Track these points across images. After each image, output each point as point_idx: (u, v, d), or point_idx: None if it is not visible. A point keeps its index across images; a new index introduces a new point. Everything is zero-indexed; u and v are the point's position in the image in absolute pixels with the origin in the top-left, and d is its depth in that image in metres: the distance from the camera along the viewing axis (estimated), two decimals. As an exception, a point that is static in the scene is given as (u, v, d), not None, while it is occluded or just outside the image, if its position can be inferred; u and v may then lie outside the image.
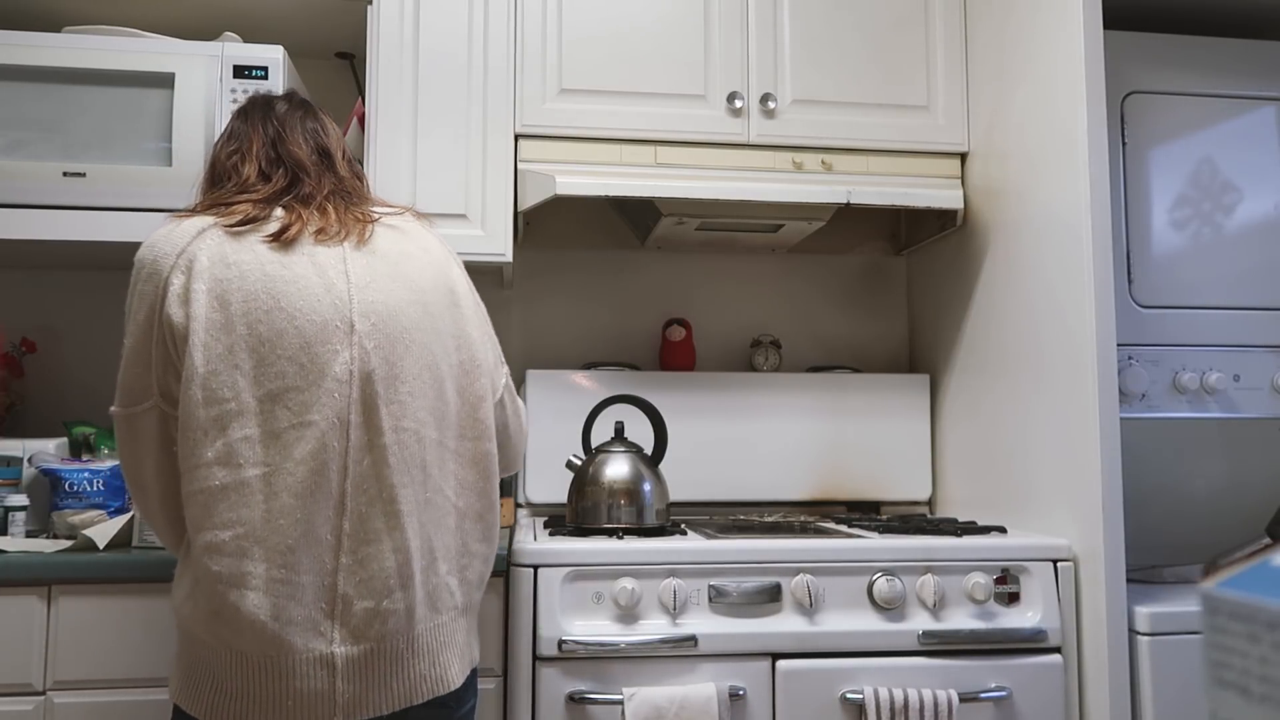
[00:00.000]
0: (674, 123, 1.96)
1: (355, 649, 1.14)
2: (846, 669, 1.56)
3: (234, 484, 1.12)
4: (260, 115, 1.36)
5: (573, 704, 1.51)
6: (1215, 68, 1.81)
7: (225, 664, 1.13)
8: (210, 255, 1.17)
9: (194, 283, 1.15)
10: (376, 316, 1.19)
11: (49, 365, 2.14)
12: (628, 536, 1.66)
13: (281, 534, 1.12)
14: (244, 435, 1.13)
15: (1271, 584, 0.37)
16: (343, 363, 1.16)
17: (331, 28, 2.09)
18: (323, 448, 1.14)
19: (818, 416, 2.21)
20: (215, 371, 1.13)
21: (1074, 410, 1.65)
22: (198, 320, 1.14)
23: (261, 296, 1.16)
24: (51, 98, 1.76)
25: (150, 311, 1.18)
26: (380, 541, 1.16)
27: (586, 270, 2.31)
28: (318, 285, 1.18)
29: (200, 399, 1.13)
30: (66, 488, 1.69)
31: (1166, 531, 2.05)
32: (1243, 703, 0.37)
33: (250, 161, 1.30)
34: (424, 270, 1.27)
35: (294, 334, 1.16)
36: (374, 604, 1.15)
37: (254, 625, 1.11)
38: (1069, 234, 1.68)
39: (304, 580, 1.13)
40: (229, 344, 1.14)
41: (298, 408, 1.14)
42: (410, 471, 1.19)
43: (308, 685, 1.12)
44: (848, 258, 2.41)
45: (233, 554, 1.11)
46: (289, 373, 1.15)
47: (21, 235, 1.74)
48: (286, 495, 1.13)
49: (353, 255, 1.23)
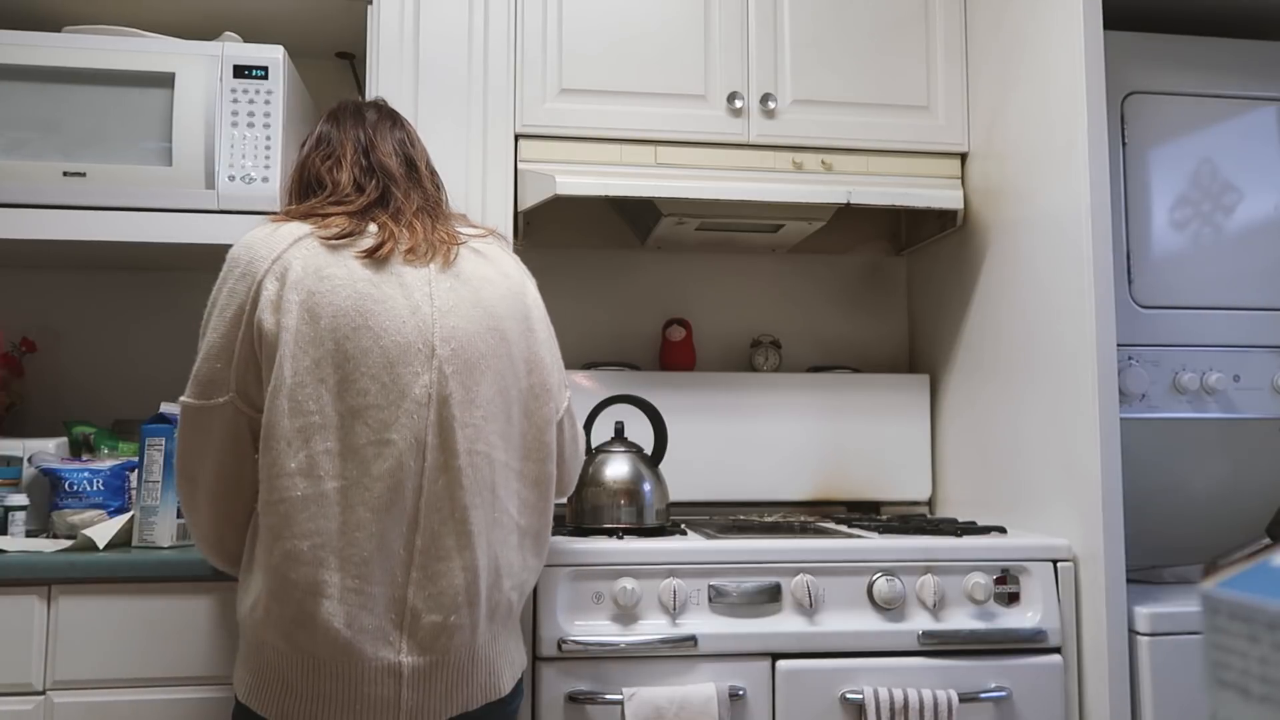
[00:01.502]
0: (674, 123, 1.96)
1: (421, 660, 1.19)
2: (846, 669, 1.56)
3: (314, 495, 1.16)
4: (352, 122, 1.38)
5: (573, 704, 1.51)
6: (1215, 68, 1.81)
7: (297, 668, 1.17)
8: (304, 265, 1.20)
9: (287, 292, 1.18)
10: (456, 342, 1.23)
11: (49, 365, 2.14)
12: (628, 536, 1.66)
13: (357, 546, 1.16)
14: (325, 448, 1.16)
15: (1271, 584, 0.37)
16: (423, 385, 1.20)
17: (331, 28, 2.09)
18: (399, 466, 1.18)
19: (818, 416, 2.21)
20: (302, 384, 1.17)
21: (1074, 410, 1.65)
22: (288, 331, 1.17)
23: (351, 313, 1.19)
24: (51, 98, 1.76)
25: (240, 311, 1.20)
26: (450, 559, 1.20)
27: (586, 270, 2.31)
28: (404, 307, 1.21)
29: (286, 409, 1.16)
30: (66, 488, 1.69)
31: (1166, 531, 2.05)
32: (1243, 703, 0.37)
33: (344, 170, 1.33)
34: (503, 297, 1.30)
35: (378, 353, 1.19)
36: (441, 619, 1.20)
37: (328, 632, 1.15)
38: (1069, 234, 1.68)
39: (375, 591, 1.17)
40: (316, 357, 1.17)
41: (377, 425, 1.18)
42: (481, 493, 1.23)
43: (375, 691, 1.17)
44: (848, 258, 2.41)
45: (310, 563, 1.15)
46: (371, 390, 1.18)
47: (21, 235, 1.74)
48: (363, 509, 1.17)
49: (438, 278, 1.25)
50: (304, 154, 1.39)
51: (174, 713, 1.50)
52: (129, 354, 2.17)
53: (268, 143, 1.79)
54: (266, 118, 1.79)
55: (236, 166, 1.78)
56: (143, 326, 2.18)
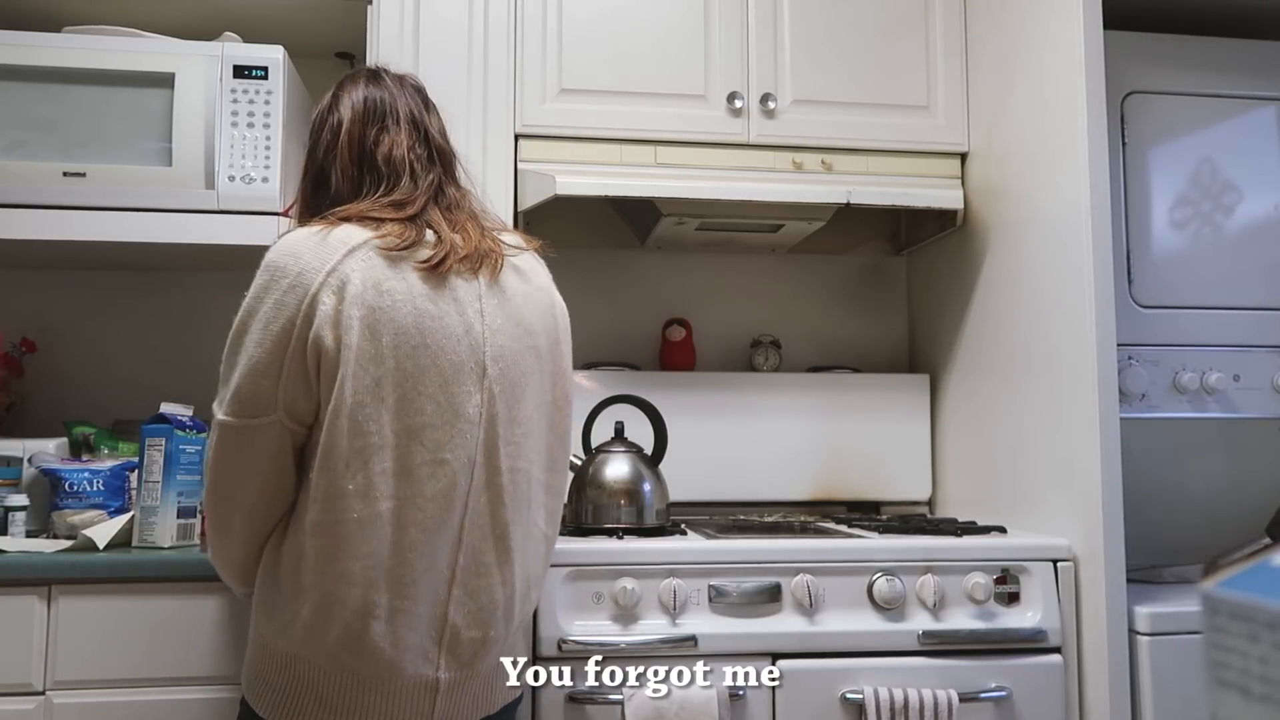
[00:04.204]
0: (674, 123, 1.96)
1: (458, 674, 1.20)
2: (846, 669, 1.56)
3: (369, 517, 1.13)
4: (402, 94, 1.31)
5: (573, 704, 1.51)
6: (1215, 68, 1.81)
7: (335, 683, 1.15)
8: (363, 279, 1.14)
9: (347, 307, 1.12)
10: (504, 362, 1.22)
11: (49, 365, 2.14)
12: (628, 536, 1.66)
13: (407, 566, 1.14)
14: (381, 469, 1.13)
15: (1271, 584, 0.37)
16: (475, 405, 1.19)
17: (331, 28, 2.09)
18: (452, 486, 1.17)
19: (818, 416, 2.21)
20: (362, 404, 1.13)
21: (1074, 410, 1.65)
22: (350, 350, 1.12)
23: (411, 332, 1.15)
24: (51, 98, 1.76)
25: (290, 325, 1.13)
26: (491, 575, 1.20)
27: (586, 270, 2.31)
28: (458, 326, 1.19)
29: (346, 430, 1.12)
30: (66, 488, 1.69)
31: (1166, 531, 2.05)
32: (1243, 703, 0.37)
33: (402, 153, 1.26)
34: (539, 314, 1.29)
35: (435, 373, 1.16)
36: (481, 634, 1.20)
37: (376, 653, 1.14)
38: (1069, 234, 1.68)
39: (420, 610, 1.16)
40: (377, 376, 1.14)
41: (432, 445, 1.16)
42: (520, 509, 1.23)
43: (411, 704, 1.17)
44: (848, 258, 2.41)
45: (361, 584, 1.13)
46: (427, 410, 1.16)
47: (21, 235, 1.74)
48: (415, 530, 1.15)
49: (487, 295, 1.23)
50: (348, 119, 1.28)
51: (174, 713, 1.50)
52: (129, 354, 2.17)
53: (268, 143, 1.79)
54: (266, 118, 1.79)
55: (236, 167, 1.78)
56: (143, 326, 2.18)
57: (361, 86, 1.31)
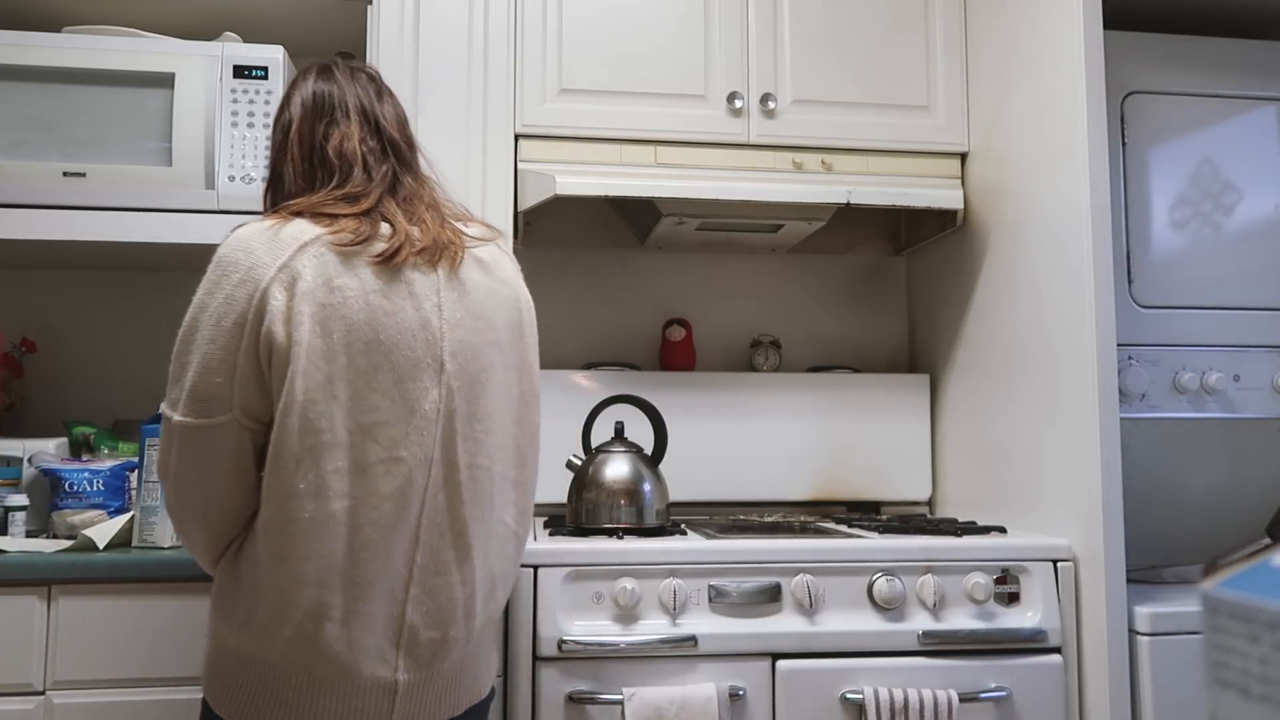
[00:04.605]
0: (674, 123, 1.96)
1: (417, 675, 1.17)
2: (846, 669, 1.56)
3: (321, 517, 1.10)
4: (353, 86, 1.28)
5: (573, 704, 1.51)
6: (1215, 68, 1.81)
7: (292, 684, 1.13)
8: (315, 274, 1.12)
9: (298, 303, 1.11)
10: (463, 357, 1.20)
11: (49, 365, 2.14)
12: (628, 536, 1.66)
13: (362, 566, 1.12)
14: (334, 468, 1.11)
15: (1271, 584, 0.37)
16: (431, 401, 1.17)
17: (331, 28, 2.09)
18: (409, 484, 1.15)
19: (818, 416, 2.21)
20: (314, 401, 1.10)
21: (1074, 410, 1.65)
22: (300, 345, 1.10)
23: (363, 328, 1.13)
24: (51, 98, 1.76)
25: (241, 319, 1.11)
26: (450, 574, 1.18)
27: (586, 270, 2.31)
28: (414, 321, 1.16)
29: (297, 428, 1.10)
30: (66, 488, 1.69)
31: (1166, 531, 2.05)
32: (1243, 703, 0.37)
33: (352, 144, 1.23)
34: (501, 307, 1.26)
35: (389, 369, 1.14)
36: (440, 634, 1.18)
37: (330, 655, 1.12)
38: (1069, 234, 1.68)
39: (376, 611, 1.14)
40: (329, 374, 1.11)
41: (388, 443, 1.14)
42: (480, 506, 1.21)
43: (369, 705, 1.15)
44: (848, 258, 2.41)
45: (314, 585, 1.11)
46: (382, 407, 1.14)
47: (21, 235, 1.74)
48: (370, 529, 1.12)
49: (446, 289, 1.20)
50: (297, 116, 1.26)
51: (174, 713, 1.50)
52: (129, 354, 2.17)
53: (268, 143, 1.79)
54: (266, 118, 1.79)
55: (236, 166, 1.78)
56: (143, 327, 2.18)
57: (311, 82, 1.29)
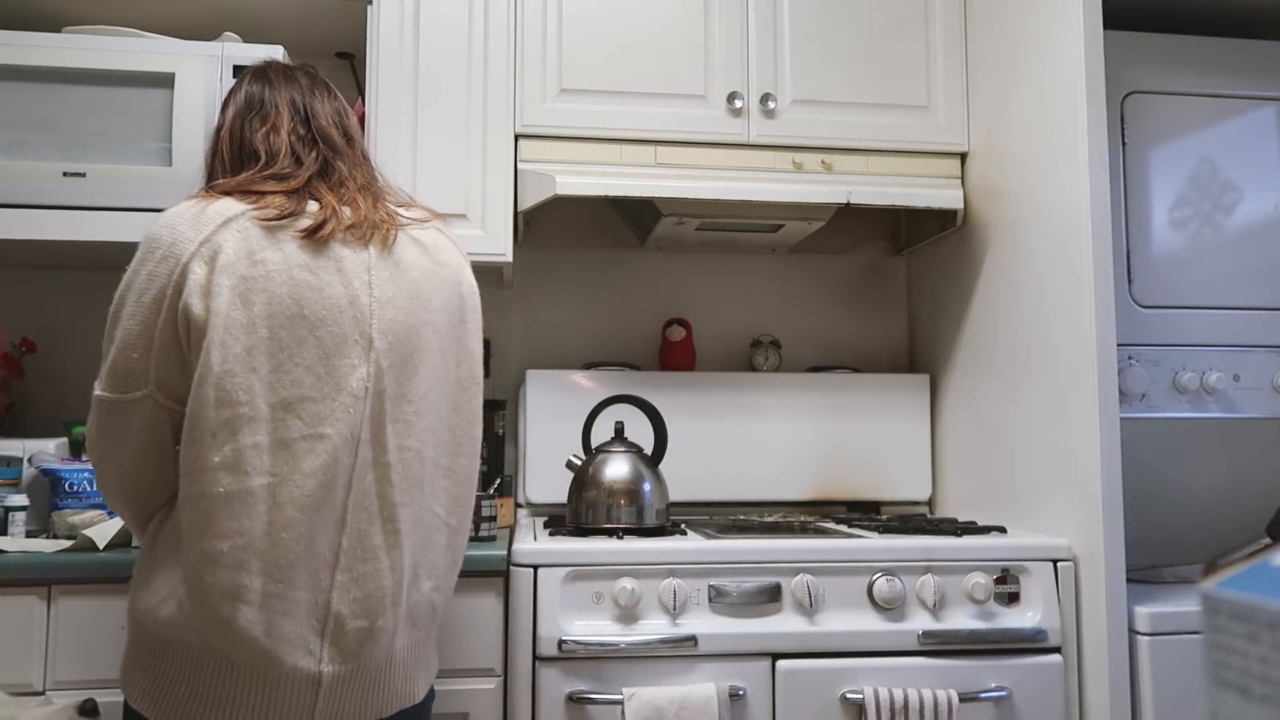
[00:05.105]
0: (674, 123, 1.96)
1: (342, 668, 1.14)
2: (846, 669, 1.56)
3: (238, 492, 1.08)
4: (285, 84, 1.29)
5: (573, 704, 1.51)
6: (1215, 68, 1.81)
7: (208, 671, 1.10)
8: (236, 248, 1.12)
9: (217, 276, 1.10)
10: (393, 335, 1.18)
11: (49, 365, 2.14)
12: (628, 536, 1.66)
13: (282, 548, 1.09)
14: (253, 442, 1.09)
15: (1271, 584, 0.37)
16: (359, 378, 1.15)
17: (331, 28, 2.09)
18: (334, 462, 1.12)
19: (818, 416, 2.21)
20: (231, 372, 1.09)
21: (1074, 410, 1.65)
22: (218, 316, 1.09)
23: (286, 301, 1.12)
24: (51, 98, 1.76)
25: (161, 295, 1.12)
26: (378, 560, 1.15)
27: (586, 270, 2.31)
28: (342, 297, 1.15)
29: (212, 399, 1.08)
30: (66, 488, 1.69)
31: (1166, 531, 2.05)
32: (1243, 703, 0.37)
33: (281, 137, 1.24)
34: (439, 290, 1.24)
35: (314, 344, 1.13)
36: (368, 624, 1.14)
37: (246, 640, 1.08)
38: (1069, 234, 1.68)
39: (299, 596, 1.11)
40: (248, 345, 1.10)
41: (311, 419, 1.12)
42: (411, 490, 1.18)
43: (290, 699, 1.11)
44: (848, 258, 2.41)
45: (230, 565, 1.08)
46: (305, 382, 1.12)
47: (21, 235, 1.74)
48: (291, 508, 1.10)
49: (377, 266, 1.19)
50: (230, 116, 1.27)
51: (174, 713, 1.49)
52: (129, 354, 2.16)
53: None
54: (266, 118, 1.79)
55: (236, 166, 1.78)
56: (143, 326, 2.17)
57: (245, 85, 1.30)
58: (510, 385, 2.26)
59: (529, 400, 2.11)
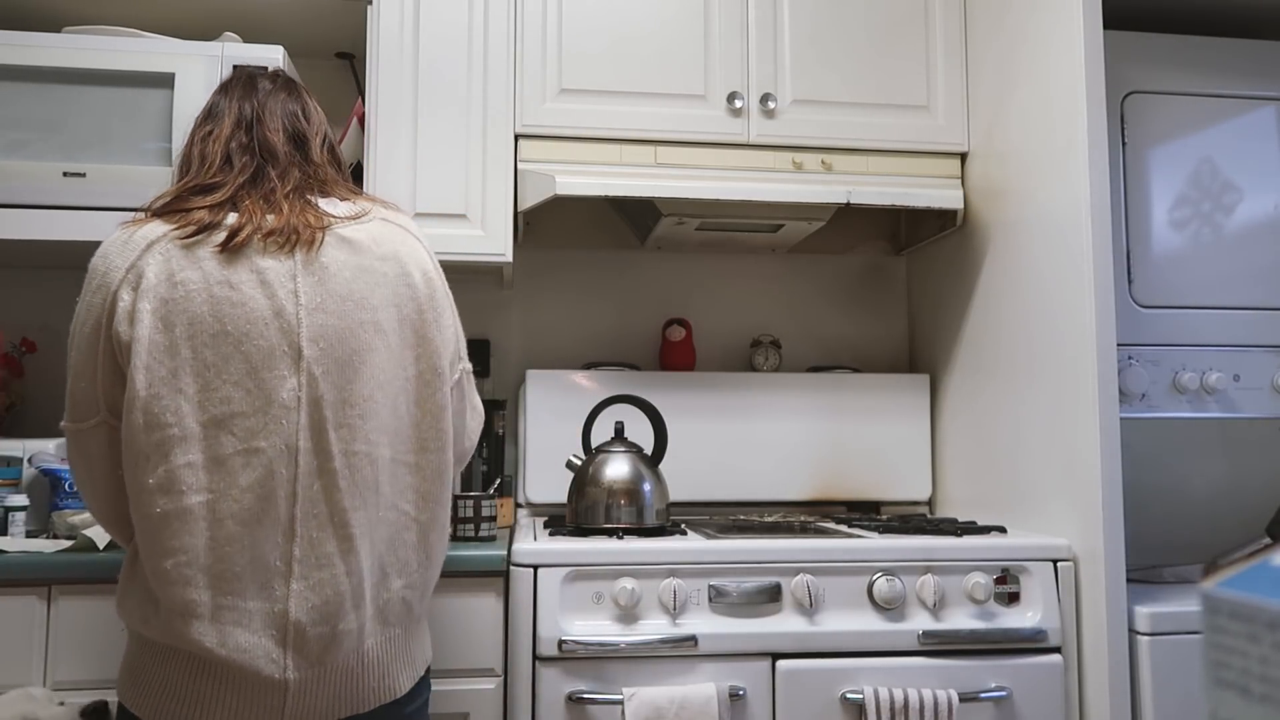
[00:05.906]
0: (674, 123, 1.96)
1: (309, 672, 1.14)
2: (846, 669, 1.56)
3: (175, 511, 1.10)
4: (241, 93, 1.31)
5: (573, 704, 1.51)
6: (1215, 68, 1.81)
7: (181, 668, 1.13)
8: (158, 271, 1.14)
9: (140, 301, 1.13)
10: (326, 341, 1.16)
11: (49, 365, 2.14)
12: (628, 536, 1.66)
13: (227, 561, 1.11)
14: (186, 461, 1.11)
15: (1271, 584, 0.37)
16: (290, 389, 1.14)
17: (331, 28, 2.09)
18: (270, 475, 1.13)
19: (818, 416, 2.21)
20: (157, 395, 1.11)
21: (1074, 410, 1.65)
22: (140, 342, 1.11)
23: (207, 320, 1.13)
24: (51, 98, 1.76)
25: (97, 325, 1.15)
26: (333, 565, 1.15)
27: (586, 270, 2.31)
28: (266, 309, 1.15)
29: (141, 423, 1.11)
30: (66, 488, 1.69)
31: (1166, 531, 2.05)
32: (1243, 703, 0.37)
33: (217, 145, 1.26)
34: (379, 286, 1.21)
35: (240, 360, 1.13)
36: (329, 629, 1.14)
37: (201, 651, 1.11)
38: (1069, 234, 1.68)
39: (250, 606, 1.12)
40: (172, 368, 1.12)
41: (244, 434, 1.13)
42: (363, 494, 1.17)
43: (260, 699, 1.13)
44: (848, 258, 2.41)
45: (177, 582, 1.10)
46: (235, 398, 1.13)
47: (21, 235, 1.74)
48: (231, 522, 1.11)
49: (303, 274, 1.18)
50: (191, 127, 1.31)
51: (174, 713, 1.49)
52: (129, 354, 2.16)
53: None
54: (266, 118, 1.79)
55: (236, 166, 1.78)
56: (143, 326, 2.17)
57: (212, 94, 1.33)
58: (510, 385, 2.26)
59: (529, 400, 2.11)
